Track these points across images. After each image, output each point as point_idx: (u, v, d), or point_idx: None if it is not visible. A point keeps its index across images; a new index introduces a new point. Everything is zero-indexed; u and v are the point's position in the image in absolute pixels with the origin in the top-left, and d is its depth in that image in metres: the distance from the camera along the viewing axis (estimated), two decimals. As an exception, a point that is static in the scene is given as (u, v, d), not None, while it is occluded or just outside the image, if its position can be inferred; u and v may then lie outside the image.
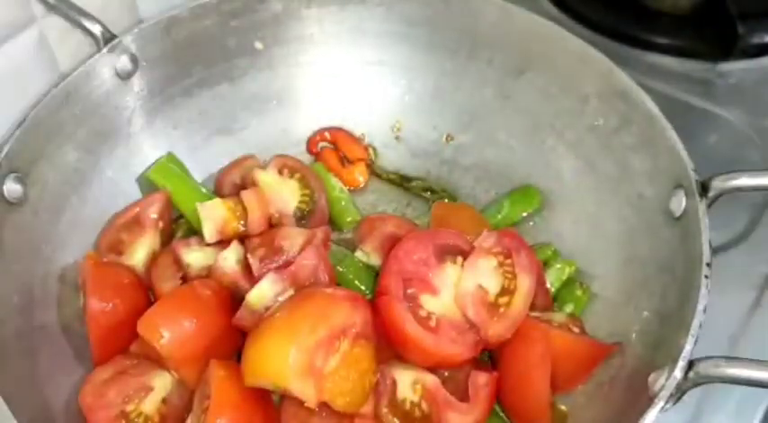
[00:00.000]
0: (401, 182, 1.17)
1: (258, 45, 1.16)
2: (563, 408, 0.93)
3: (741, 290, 1.05)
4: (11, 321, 0.92)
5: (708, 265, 0.83)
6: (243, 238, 1.02)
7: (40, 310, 0.97)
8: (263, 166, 1.10)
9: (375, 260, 1.02)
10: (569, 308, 1.01)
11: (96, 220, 1.07)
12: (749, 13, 1.26)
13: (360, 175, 1.18)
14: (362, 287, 1.00)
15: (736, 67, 1.27)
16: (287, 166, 1.10)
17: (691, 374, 0.76)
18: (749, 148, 1.18)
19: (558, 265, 1.04)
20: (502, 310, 0.92)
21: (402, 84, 1.19)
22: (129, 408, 0.90)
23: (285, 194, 1.07)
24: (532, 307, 0.95)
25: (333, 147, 1.20)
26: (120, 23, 1.09)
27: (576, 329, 0.97)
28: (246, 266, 0.97)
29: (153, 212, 1.06)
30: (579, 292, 1.01)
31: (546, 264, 1.04)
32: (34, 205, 0.98)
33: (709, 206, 0.87)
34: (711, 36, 1.29)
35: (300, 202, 1.08)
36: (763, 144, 1.18)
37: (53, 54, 1.07)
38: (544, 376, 0.88)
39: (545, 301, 1.00)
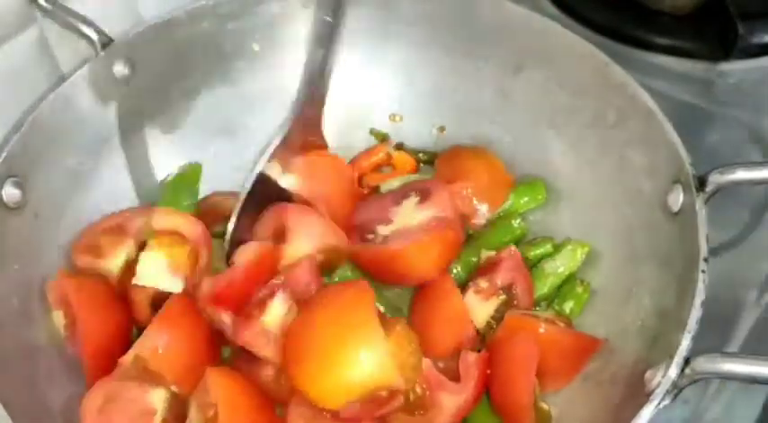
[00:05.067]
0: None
1: (255, 47, 1.16)
2: (545, 407, 0.93)
3: (741, 289, 1.04)
4: (10, 325, 0.92)
5: (705, 260, 0.82)
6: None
7: (39, 314, 0.97)
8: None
9: None
10: (569, 305, 1.00)
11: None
12: (749, 13, 1.25)
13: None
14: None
15: (736, 67, 1.27)
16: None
17: (687, 371, 0.76)
18: (749, 148, 1.18)
19: (570, 247, 1.03)
20: None
21: (401, 83, 1.19)
22: None
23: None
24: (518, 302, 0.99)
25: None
26: (120, 24, 1.10)
27: (562, 325, 0.97)
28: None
29: (139, 223, 1.04)
30: (580, 290, 1.01)
31: (546, 256, 1.04)
32: (33, 209, 0.98)
33: (706, 201, 0.86)
34: (711, 36, 1.29)
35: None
36: (763, 144, 1.18)
37: (53, 54, 1.07)
38: (528, 377, 0.89)
39: (528, 290, 1.01)
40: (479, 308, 0.99)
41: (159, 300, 0.98)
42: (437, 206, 1.03)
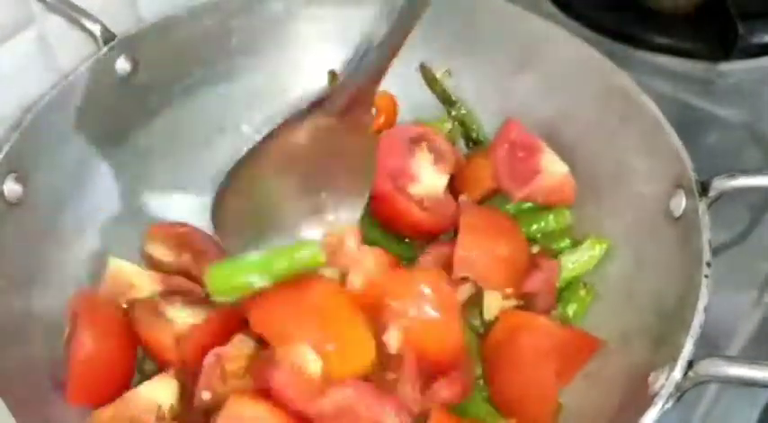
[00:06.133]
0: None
1: (258, 45, 1.16)
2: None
3: (741, 289, 1.04)
4: (10, 322, 0.91)
5: (708, 264, 0.83)
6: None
7: (39, 312, 0.96)
8: None
9: None
10: (573, 308, 1.00)
11: (96, 221, 1.07)
12: (749, 13, 1.25)
13: None
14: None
15: (736, 67, 1.27)
16: None
17: (690, 374, 0.76)
18: (749, 149, 1.18)
19: (589, 242, 1.02)
20: None
21: (401, 83, 1.18)
22: None
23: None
24: (534, 307, 0.98)
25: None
26: (120, 22, 1.09)
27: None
28: None
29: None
30: (583, 292, 1.00)
31: (561, 252, 1.03)
32: (34, 205, 0.98)
33: (709, 206, 0.87)
34: (711, 36, 1.29)
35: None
36: (763, 144, 1.18)
37: (53, 53, 1.07)
38: (551, 373, 0.89)
39: (548, 301, 1.00)
40: (496, 302, 0.98)
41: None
42: (448, 168, 1.08)
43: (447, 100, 1.17)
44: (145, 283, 1.00)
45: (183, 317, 0.96)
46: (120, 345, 0.96)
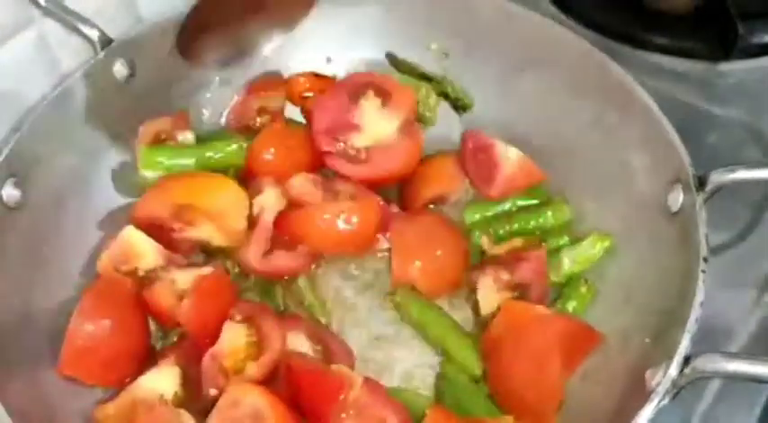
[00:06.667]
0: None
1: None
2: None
3: (742, 289, 1.04)
4: (11, 326, 0.92)
5: (705, 259, 0.83)
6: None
7: (41, 315, 0.96)
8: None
9: None
10: (572, 305, 0.99)
11: (96, 224, 1.07)
12: (749, 13, 1.25)
13: None
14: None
15: (736, 67, 1.26)
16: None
17: (687, 370, 0.76)
18: (749, 148, 1.17)
19: (591, 238, 1.01)
20: None
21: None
22: None
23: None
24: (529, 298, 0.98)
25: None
26: (119, 23, 1.10)
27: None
28: None
29: None
30: (584, 289, 1.00)
31: (558, 250, 1.03)
32: (33, 209, 0.98)
33: (706, 201, 0.87)
34: (711, 36, 1.28)
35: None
36: (763, 144, 1.18)
37: (53, 54, 1.07)
38: (557, 362, 0.89)
39: (541, 290, 1.00)
40: (491, 296, 0.99)
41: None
42: (401, 108, 1.09)
43: (422, 77, 1.18)
44: (149, 255, 1.02)
45: (183, 276, 1.00)
46: (122, 322, 0.96)
